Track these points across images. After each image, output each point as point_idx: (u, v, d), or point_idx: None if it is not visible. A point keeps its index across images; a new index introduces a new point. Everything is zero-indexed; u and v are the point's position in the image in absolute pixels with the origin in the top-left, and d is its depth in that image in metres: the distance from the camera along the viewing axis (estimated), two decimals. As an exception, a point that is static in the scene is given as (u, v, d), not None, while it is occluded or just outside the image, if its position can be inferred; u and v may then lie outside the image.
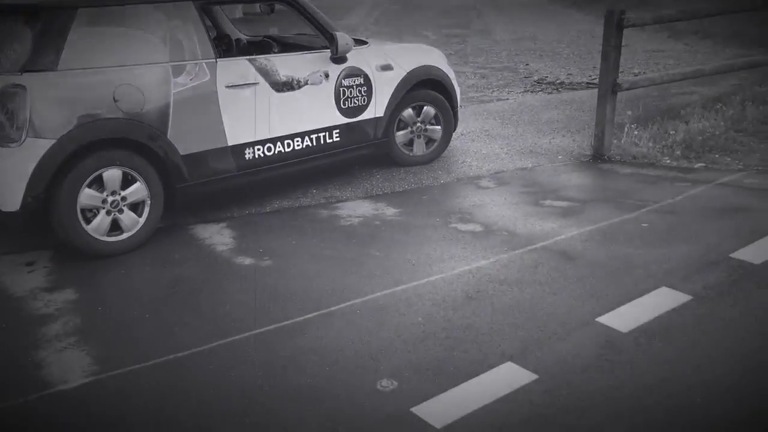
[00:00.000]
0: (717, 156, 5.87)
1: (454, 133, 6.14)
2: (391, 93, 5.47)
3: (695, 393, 2.69)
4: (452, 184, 5.51)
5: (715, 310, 3.31)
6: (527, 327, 3.24)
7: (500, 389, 2.78)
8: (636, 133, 6.34)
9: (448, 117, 5.93)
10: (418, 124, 5.84)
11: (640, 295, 3.50)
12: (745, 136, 6.37)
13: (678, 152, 5.93)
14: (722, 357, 2.93)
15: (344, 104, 5.19)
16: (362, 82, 5.27)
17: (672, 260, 3.87)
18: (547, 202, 4.98)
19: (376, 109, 5.41)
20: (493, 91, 9.41)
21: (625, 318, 3.28)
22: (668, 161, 5.81)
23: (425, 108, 5.80)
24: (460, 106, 6.19)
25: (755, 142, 6.22)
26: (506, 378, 2.86)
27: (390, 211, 4.89)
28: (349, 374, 2.93)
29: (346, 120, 5.23)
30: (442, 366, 2.96)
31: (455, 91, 5.97)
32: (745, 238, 4.09)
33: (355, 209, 4.95)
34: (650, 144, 6.12)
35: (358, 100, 5.26)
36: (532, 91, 9.30)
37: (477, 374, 2.89)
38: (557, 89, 9.37)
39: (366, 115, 5.35)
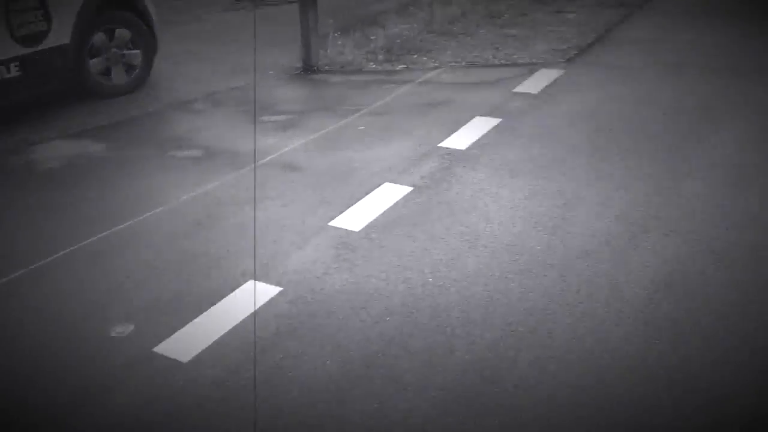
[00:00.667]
0: (415, 56, 6.24)
1: (156, 57, 5.69)
2: (75, 15, 4.85)
3: (427, 272, 2.87)
4: (163, 110, 5.15)
5: (434, 196, 3.55)
6: (264, 243, 3.17)
7: (245, 309, 2.70)
8: (340, 42, 6.46)
9: (147, 39, 5.46)
10: (114, 50, 5.29)
11: (366, 194, 3.62)
12: (436, 36, 6.84)
13: (381, 57, 6.19)
14: (446, 236, 3.16)
15: (18, 31, 4.47)
16: (37, 4, 4.57)
17: (390, 157, 4.05)
18: (266, 117, 4.89)
19: (60, 35, 4.76)
20: (193, 11, 8.91)
21: (355, 217, 3.37)
22: (373, 66, 6.04)
23: (118, 31, 5.26)
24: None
25: (446, 40, 6.72)
26: (250, 297, 2.78)
27: (97, 148, 4.42)
28: (75, 327, 2.62)
29: (23, 50, 4.53)
30: (182, 298, 2.78)
31: (151, 11, 5.49)
32: (450, 128, 4.42)
33: (55, 151, 4.39)
34: (355, 51, 6.30)
35: (34, 26, 4.57)
36: (233, 10, 8.98)
37: (220, 299, 2.77)
38: (258, 6, 9.17)
39: (48, 43, 4.69)
